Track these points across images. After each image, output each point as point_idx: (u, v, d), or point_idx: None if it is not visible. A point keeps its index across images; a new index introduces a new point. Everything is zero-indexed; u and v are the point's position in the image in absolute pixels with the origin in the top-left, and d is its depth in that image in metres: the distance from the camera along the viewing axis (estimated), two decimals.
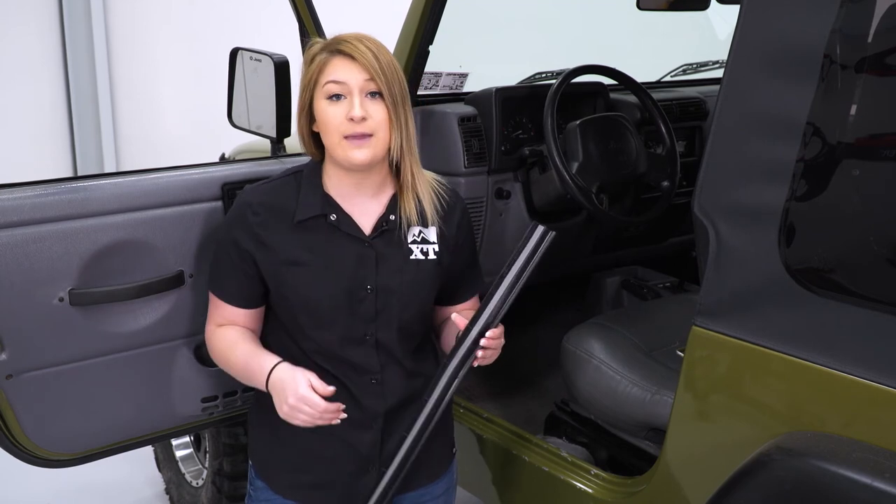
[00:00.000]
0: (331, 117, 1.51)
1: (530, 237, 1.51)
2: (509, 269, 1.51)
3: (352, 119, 1.49)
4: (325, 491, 1.68)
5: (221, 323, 1.68)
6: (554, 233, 1.51)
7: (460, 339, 1.55)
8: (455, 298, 1.75)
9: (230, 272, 1.63)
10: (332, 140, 1.53)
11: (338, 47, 1.52)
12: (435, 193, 1.65)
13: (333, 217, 1.59)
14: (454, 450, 1.83)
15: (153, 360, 1.88)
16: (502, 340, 1.58)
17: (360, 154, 1.51)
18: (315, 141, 1.61)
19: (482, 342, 1.52)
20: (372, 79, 1.50)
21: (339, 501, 1.69)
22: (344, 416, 1.54)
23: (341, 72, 1.50)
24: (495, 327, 1.53)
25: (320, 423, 1.52)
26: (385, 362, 1.64)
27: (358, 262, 1.59)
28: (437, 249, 1.64)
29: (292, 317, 1.62)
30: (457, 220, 1.68)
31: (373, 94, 1.51)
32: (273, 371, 1.56)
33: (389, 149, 1.55)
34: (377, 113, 1.51)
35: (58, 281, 1.71)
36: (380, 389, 1.64)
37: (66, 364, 1.77)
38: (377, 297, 1.60)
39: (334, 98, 1.51)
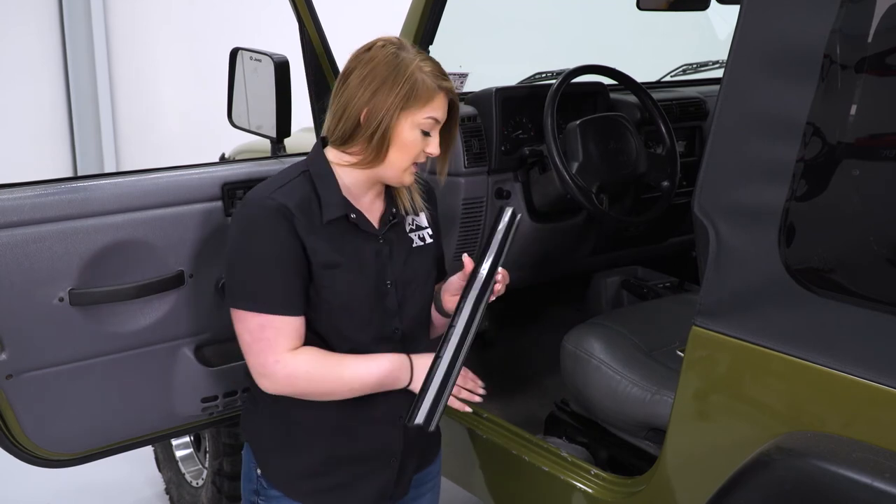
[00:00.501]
0: (414, 145, 1.55)
1: (500, 221, 1.58)
2: (486, 251, 1.56)
3: (429, 154, 1.57)
4: (348, 491, 1.68)
5: (292, 345, 1.55)
6: (520, 215, 1.59)
7: (471, 280, 1.56)
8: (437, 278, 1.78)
9: (289, 283, 1.54)
10: (402, 163, 1.56)
11: (446, 86, 1.55)
12: (416, 181, 1.70)
13: (353, 216, 1.59)
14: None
15: (153, 360, 1.88)
16: (503, 285, 1.61)
17: (413, 178, 1.61)
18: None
19: (497, 277, 1.57)
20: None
21: (366, 496, 1.69)
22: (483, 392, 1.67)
23: (441, 112, 1.56)
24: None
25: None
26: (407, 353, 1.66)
27: (377, 259, 1.61)
28: (430, 232, 1.71)
29: (329, 319, 1.59)
30: (434, 201, 1.77)
31: None
32: (413, 363, 1.62)
33: None
34: None
35: (58, 281, 1.71)
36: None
37: (66, 364, 1.77)
38: (397, 289, 1.63)
39: (425, 133, 1.56)
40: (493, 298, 1.60)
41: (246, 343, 1.56)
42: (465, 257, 1.59)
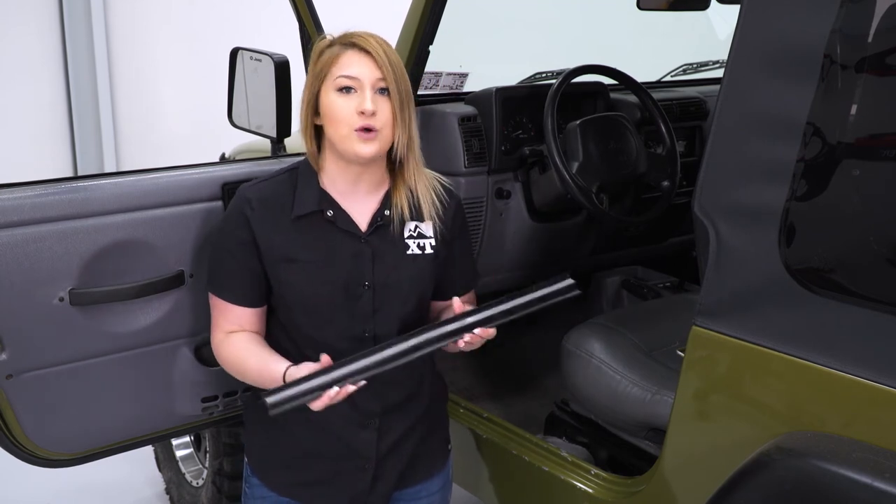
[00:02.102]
0: (340, 109, 1.52)
1: (555, 283, 1.53)
2: (522, 295, 1.52)
3: (362, 113, 1.51)
4: (321, 488, 1.69)
5: (230, 329, 1.64)
6: (579, 291, 1.54)
7: (451, 320, 1.52)
8: (450, 293, 1.75)
9: (234, 271, 1.62)
10: (340, 132, 1.53)
11: (351, 41, 1.53)
12: (433, 190, 1.66)
13: (330, 213, 1.59)
14: (449, 446, 1.84)
15: (153, 360, 1.88)
16: (481, 340, 1.55)
17: (367, 148, 1.53)
18: (315, 134, 1.61)
19: (468, 336, 1.51)
20: (383, 77, 1.52)
21: (335, 498, 1.70)
22: (363, 383, 1.48)
23: (355, 66, 1.52)
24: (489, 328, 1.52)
25: (341, 398, 1.46)
26: None
27: (354, 259, 1.60)
28: (433, 244, 1.65)
29: (289, 315, 1.63)
30: (452, 214, 1.69)
31: (381, 91, 1.53)
32: (285, 376, 1.54)
33: (392, 145, 1.57)
34: (385, 109, 1.53)
35: (58, 281, 1.71)
36: (377, 388, 1.64)
37: (66, 364, 1.77)
38: (375, 293, 1.61)
39: (345, 91, 1.52)
40: (460, 348, 1.54)
41: None
42: (456, 301, 1.56)
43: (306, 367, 1.50)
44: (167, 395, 1.92)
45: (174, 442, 2.85)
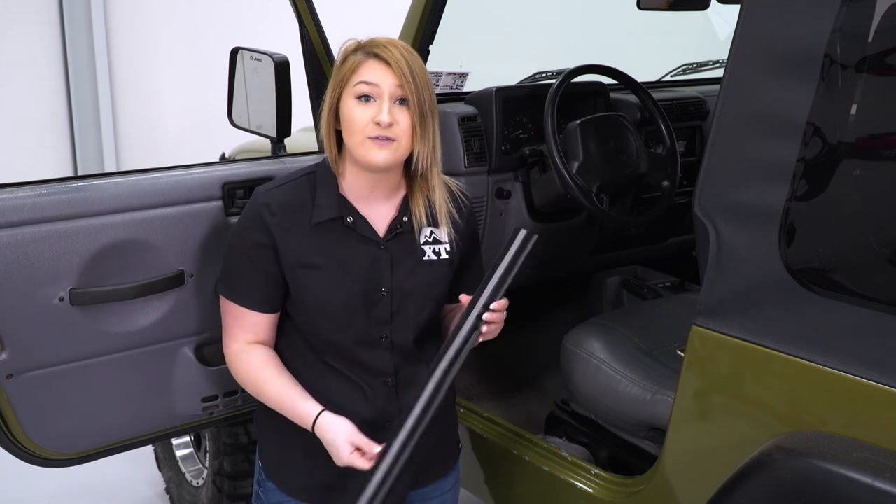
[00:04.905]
0: (357, 117, 1.51)
1: (512, 242, 1.51)
2: (494, 270, 1.51)
3: (378, 123, 1.50)
4: (338, 491, 1.67)
5: (244, 336, 1.63)
6: (536, 236, 1.52)
7: (461, 321, 1.52)
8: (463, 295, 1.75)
9: (251, 276, 1.60)
10: (355, 139, 1.52)
11: (374, 50, 1.52)
12: (451, 195, 1.66)
13: (350, 219, 1.58)
14: (460, 445, 1.85)
15: (153, 359, 1.88)
16: (504, 314, 1.55)
17: (381, 155, 1.51)
18: (337, 140, 1.60)
19: (485, 316, 1.50)
20: (401, 85, 1.51)
21: (352, 501, 1.69)
22: None
23: (374, 74, 1.51)
24: (499, 300, 1.51)
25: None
26: (399, 364, 1.64)
27: (373, 265, 1.59)
28: (448, 249, 1.65)
29: (307, 319, 1.61)
30: (466, 219, 1.69)
31: (401, 101, 1.52)
32: (316, 424, 1.56)
33: (412, 157, 1.56)
34: (403, 120, 1.52)
35: (58, 280, 1.71)
36: (395, 391, 1.64)
37: (66, 364, 1.77)
38: (392, 299, 1.60)
39: (363, 99, 1.51)
40: (481, 340, 1.53)
41: None
42: (463, 297, 1.55)
43: (341, 425, 1.54)
44: (167, 394, 1.92)
45: (174, 442, 2.85)
